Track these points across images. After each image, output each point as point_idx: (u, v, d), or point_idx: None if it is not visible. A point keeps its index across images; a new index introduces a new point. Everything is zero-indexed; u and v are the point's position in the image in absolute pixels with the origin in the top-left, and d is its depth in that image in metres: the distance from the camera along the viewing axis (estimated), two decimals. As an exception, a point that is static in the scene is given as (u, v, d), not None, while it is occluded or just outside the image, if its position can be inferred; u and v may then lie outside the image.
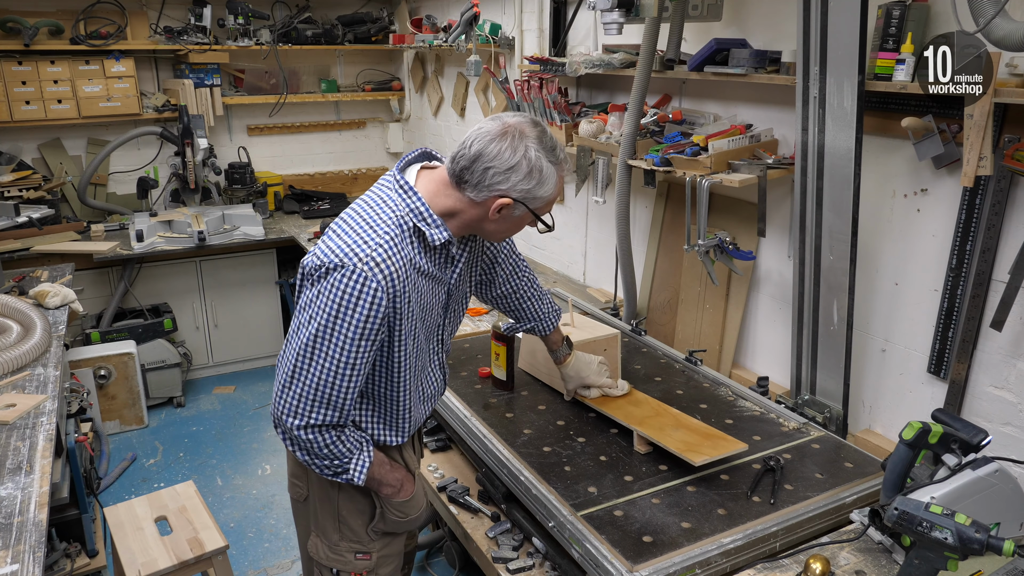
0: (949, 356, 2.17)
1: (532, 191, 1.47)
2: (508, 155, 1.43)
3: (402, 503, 1.73)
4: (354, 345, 1.46)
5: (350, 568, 1.75)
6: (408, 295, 1.48)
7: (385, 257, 1.43)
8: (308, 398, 1.50)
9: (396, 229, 1.47)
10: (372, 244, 1.43)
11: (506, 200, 1.47)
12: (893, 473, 1.61)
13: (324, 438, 1.55)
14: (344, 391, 1.50)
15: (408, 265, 1.47)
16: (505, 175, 1.44)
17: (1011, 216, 1.97)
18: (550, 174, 1.47)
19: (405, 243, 1.48)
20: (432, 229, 1.49)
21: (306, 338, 1.47)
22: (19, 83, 4.21)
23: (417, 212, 1.49)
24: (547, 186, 1.48)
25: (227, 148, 5.12)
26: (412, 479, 1.76)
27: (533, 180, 1.46)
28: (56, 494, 2.55)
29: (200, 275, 4.48)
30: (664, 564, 1.62)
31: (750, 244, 2.71)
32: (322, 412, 1.51)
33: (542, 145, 1.46)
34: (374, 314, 1.43)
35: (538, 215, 1.53)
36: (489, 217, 1.50)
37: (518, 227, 1.57)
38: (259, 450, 3.90)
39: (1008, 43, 1.73)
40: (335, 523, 1.74)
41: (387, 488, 1.69)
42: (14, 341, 2.70)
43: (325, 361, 1.47)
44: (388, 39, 5.10)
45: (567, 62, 3.09)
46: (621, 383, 2.29)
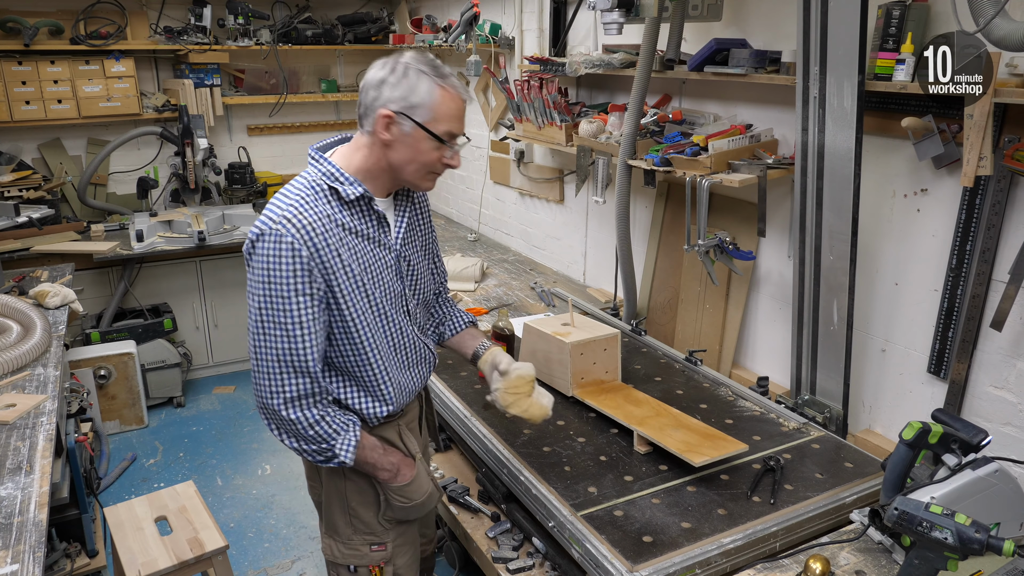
0: (949, 356, 2.17)
1: (408, 98, 1.49)
2: (380, 72, 1.52)
3: (402, 487, 1.71)
4: (294, 303, 1.50)
5: (367, 561, 1.75)
6: (334, 248, 1.52)
7: (295, 213, 1.49)
8: (276, 371, 1.54)
9: (308, 191, 1.54)
10: (283, 206, 1.51)
11: (386, 111, 1.50)
12: (893, 473, 1.61)
13: (307, 416, 1.57)
14: (304, 352, 1.53)
15: (325, 219, 1.52)
16: (378, 89, 1.51)
17: (1011, 216, 1.97)
18: (420, 81, 1.49)
19: (319, 201, 1.53)
20: (345, 185, 1.55)
21: (254, 315, 1.53)
22: (19, 83, 4.21)
23: (329, 174, 1.56)
24: (420, 92, 1.49)
25: (227, 148, 5.12)
26: (411, 463, 1.74)
27: (403, 87, 1.49)
28: (56, 494, 2.55)
29: (200, 275, 4.48)
30: (664, 564, 1.62)
31: (750, 244, 2.71)
32: (294, 381, 1.54)
33: (418, 61, 1.51)
34: (299, 266, 1.48)
35: (428, 128, 1.52)
36: (383, 141, 1.53)
37: (420, 152, 1.54)
38: (259, 450, 3.90)
39: (1008, 43, 1.73)
40: (347, 517, 1.75)
41: (383, 472, 1.69)
42: (14, 341, 2.70)
43: (276, 329, 1.51)
44: (388, 39, 5.10)
45: (567, 62, 3.09)
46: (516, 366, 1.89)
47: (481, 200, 4.71)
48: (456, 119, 1.56)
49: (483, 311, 3.27)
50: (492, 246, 4.48)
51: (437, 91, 1.51)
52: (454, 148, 1.59)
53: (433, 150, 1.55)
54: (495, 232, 4.66)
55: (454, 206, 5.16)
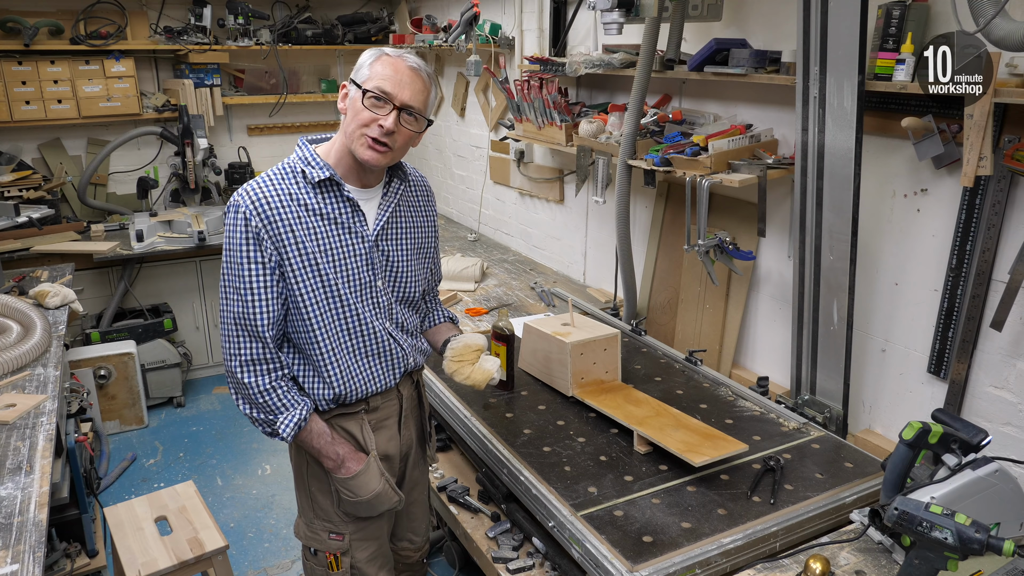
0: (949, 356, 2.17)
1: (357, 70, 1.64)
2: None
3: (345, 480, 1.73)
4: (246, 268, 1.61)
5: (324, 547, 1.80)
6: (288, 223, 1.62)
7: (255, 187, 1.63)
8: (234, 334, 1.65)
9: (279, 172, 1.67)
10: (252, 185, 1.65)
11: (343, 84, 1.66)
12: (893, 473, 1.61)
13: (259, 383, 1.65)
14: (256, 316, 1.63)
15: (286, 196, 1.63)
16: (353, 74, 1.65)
17: (1011, 216, 1.97)
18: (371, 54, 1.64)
19: (286, 181, 1.65)
20: (313, 168, 1.65)
21: (222, 281, 1.66)
22: (19, 83, 4.21)
23: (303, 158, 1.67)
24: (365, 61, 1.63)
25: (227, 148, 5.12)
26: (360, 458, 1.74)
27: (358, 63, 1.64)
28: (56, 494, 2.55)
29: (200, 275, 4.48)
30: (664, 564, 1.62)
31: (750, 244, 2.71)
32: (248, 344, 1.64)
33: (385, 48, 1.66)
34: (249, 236, 1.60)
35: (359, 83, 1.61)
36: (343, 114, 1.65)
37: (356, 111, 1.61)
38: (259, 450, 3.90)
39: (1008, 43, 1.73)
40: (308, 500, 1.82)
41: (327, 461, 1.72)
42: (14, 341, 2.70)
43: (233, 293, 1.64)
44: (388, 39, 5.10)
45: (567, 62, 3.09)
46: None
47: (481, 200, 4.71)
48: (389, 80, 1.59)
49: (483, 311, 3.27)
50: (492, 246, 4.48)
51: (380, 58, 1.62)
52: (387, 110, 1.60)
53: (364, 109, 1.60)
54: (495, 232, 4.66)
55: (454, 206, 5.16)
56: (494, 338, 2.44)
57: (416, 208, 1.81)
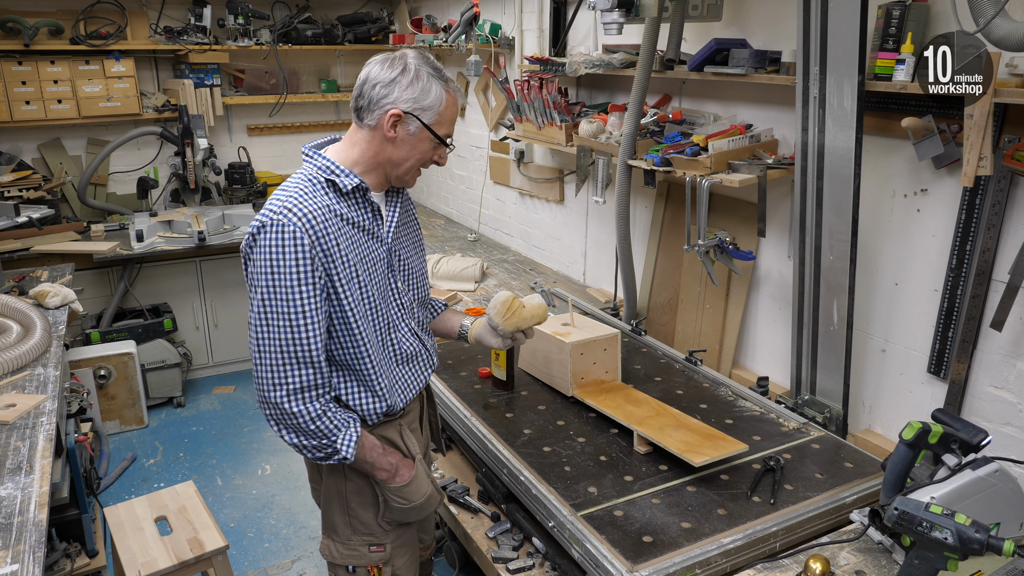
0: (949, 356, 2.17)
1: (418, 100, 1.54)
2: (389, 71, 1.55)
3: (400, 488, 1.70)
4: (298, 292, 1.51)
5: (365, 562, 1.75)
6: (334, 238, 1.54)
7: (297, 203, 1.52)
8: (279, 362, 1.54)
9: (306, 183, 1.57)
10: (284, 199, 1.53)
11: (396, 111, 1.54)
12: (893, 473, 1.61)
13: (311, 410, 1.56)
14: (308, 343, 1.54)
15: (325, 209, 1.54)
16: (388, 88, 1.54)
17: (1011, 216, 1.97)
18: (432, 85, 1.55)
19: (318, 192, 1.56)
20: (342, 177, 1.58)
21: (256, 307, 1.53)
22: (19, 83, 4.21)
23: (325, 167, 1.59)
24: (431, 96, 1.55)
25: (227, 148, 5.12)
26: (410, 464, 1.73)
27: (416, 89, 1.54)
28: (56, 494, 2.55)
29: (200, 275, 4.48)
30: (664, 564, 1.62)
31: (750, 244, 2.71)
32: (298, 372, 1.55)
33: (423, 61, 1.56)
34: (302, 254, 1.50)
35: (434, 131, 1.58)
36: (387, 137, 1.56)
37: (420, 151, 1.60)
38: (259, 450, 3.90)
39: (1008, 43, 1.73)
40: (346, 517, 1.75)
41: (381, 472, 1.68)
42: (14, 341, 2.70)
43: (280, 320, 1.52)
44: (388, 39, 5.10)
45: (567, 62, 3.09)
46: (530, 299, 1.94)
47: (481, 200, 4.71)
48: (453, 122, 1.64)
49: (483, 311, 3.27)
50: (492, 246, 4.48)
51: (445, 96, 1.57)
52: (450, 148, 1.66)
53: (431, 149, 1.62)
54: (495, 232, 4.66)
55: (454, 206, 5.15)
56: None
57: (406, 205, 1.80)
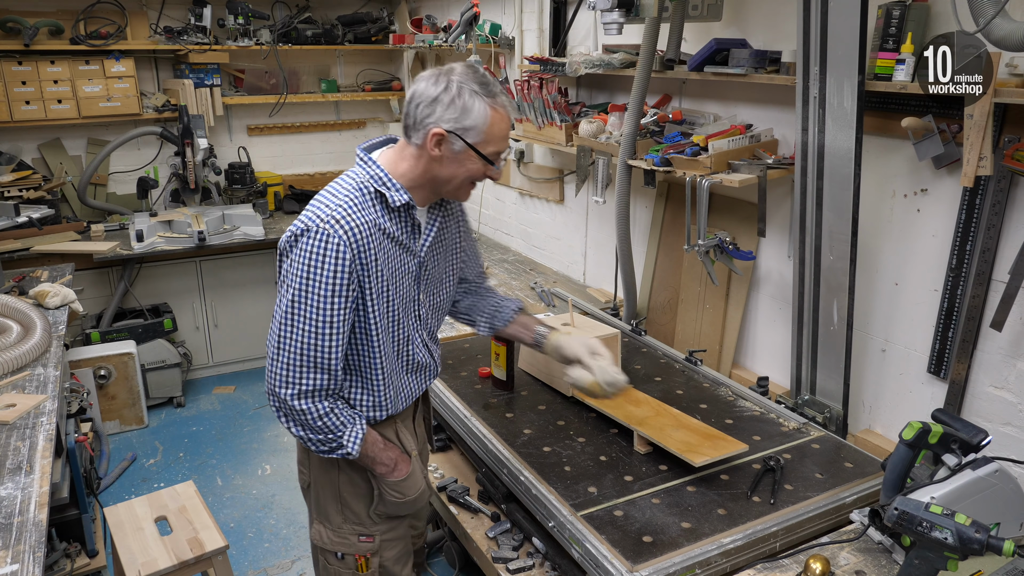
0: (949, 356, 2.17)
1: (460, 120, 1.52)
2: (432, 89, 1.52)
3: (398, 483, 1.74)
4: (328, 303, 1.52)
5: (354, 550, 1.77)
6: (374, 253, 1.55)
7: (345, 214, 1.51)
8: (296, 363, 1.56)
9: (356, 193, 1.57)
10: (332, 206, 1.53)
11: (438, 130, 1.52)
12: (893, 473, 1.61)
13: (318, 408, 1.59)
14: (328, 350, 1.56)
15: (371, 225, 1.54)
16: (431, 107, 1.52)
17: (1011, 216, 1.97)
18: (475, 103, 1.51)
19: (367, 205, 1.56)
20: (392, 192, 1.57)
21: (285, 306, 1.55)
22: (19, 83, 4.21)
23: (376, 177, 1.58)
24: (474, 115, 1.51)
25: (227, 148, 5.12)
26: (407, 459, 1.77)
27: (457, 108, 1.51)
28: (56, 494, 2.55)
29: (200, 275, 4.48)
30: (664, 564, 1.62)
31: (750, 244, 2.71)
32: (311, 376, 1.57)
33: (470, 79, 1.52)
34: (341, 268, 1.51)
35: (479, 150, 1.55)
36: (432, 156, 1.55)
37: (466, 169, 1.58)
38: (259, 450, 3.90)
39: (1008, 43, 1.73)
40: (338, 505, 1.77)
41: (381, 467, 1.71)
42: (14, 341, 2.70)
43: (305, 324, 1.54)
44: (388, 39, 5.10)
45: (567, 62, 3.09)
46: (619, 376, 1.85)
47: (481, 200, 4.71)
48: (504, 138, 1.59)
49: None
50: (492, 246, 4.48)
51: (489, 113, 1.53)
52: (499, 164, 1.62)
53: (480, 167, 1.59)
54: (495, 232, 4.66)
55: (454, 206, 5.15)
56: (494, 338, 2.44)
57: (451, 216, 1.77)
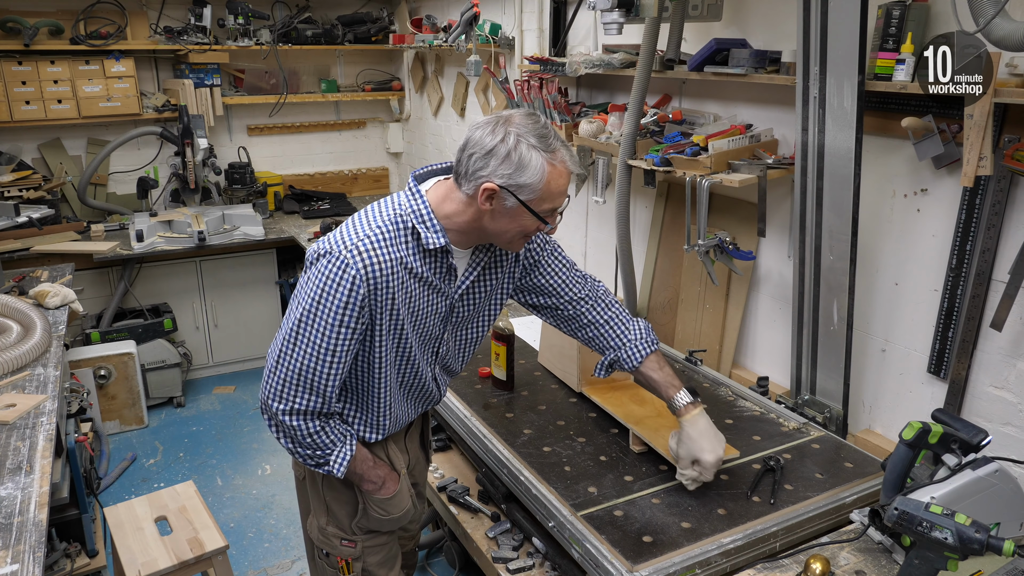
0: (949, 356, 2.17)
1: (513, 177, 1.44)
2: (488, 140, 1.44)
3: (383, 501, 1.73)
4: (333, 331, 1.49)
5: (337, 553, 1.79)
6: (392, 291, 1.49)
7: (369, 248, 1.46)
8: (291, 382, 1.54)
9: (391, 225, 1.50)
10: (361, 235, 1.48)
11: (490, 185, 1.44)
12: (893, 473, 1.61)
13: (308, 426, 1.58)
14: (325, 377, 1.53)
15: (395, 262, 1.48)
16: (484, 159, 1.44)
17: (1011, 216, 1.97)
18: (532, 160, 1.43)
19: (399, 240, 1.50)
20: (429, 232, 1.51)
21: (292, 322, 1.53)
22: (19, 83, 4.21)
23: (418, 213, 1.51)
24: (529, 172, 1.43)
25: (227, 148, 5.12)
26: (396, 478, 1.76)
27: (512, 165, 1.43)
28: (56, 494, 2.55)
29: (200, 275, 4.48)
30: (664, 564, 1.62)
31: (750, 244, 2.71)
32: (304, 397, 1.55)
33: (528, 131, 1.44)
34: (352, 302, 1.46)
35: (531, 208, 1.47)
36: (481, 208, 1.48)
37: (519, 224, 1.51)
38: (259, 450, 3.90)
39: (1008, 43, 1.73)
40: (323, 507, 1.79)
41: (368, 484, 1.70)
42: (14, 341, 2.70)
43: (307, 346, 1.51)
44: (388, 39, 5.10)
45: (567, 62, 3.09)
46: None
47: (481, 200, 4.70)
48: (561, 195, 1.51)
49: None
50: (492, 246, 4.47)
51: (546, 169, 1.44)
52: (555, 221, 1.55)
53: (532, 223, 1.51)
54: (495, 232, 4.66)
55: (454, 206, 5.14)
56: (494, 338, 2.44)
57: (499, 257, 1.71)
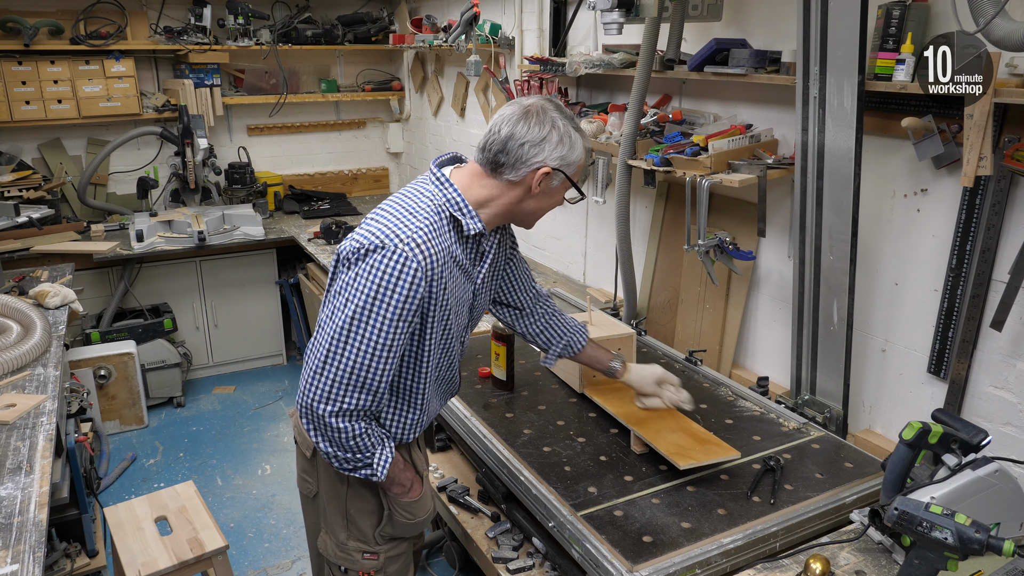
0: (949, 356, 2.17)
1: (567, 157, 1.58)
2: (537, 129, 1.55)
3: (410, 504, 1.72)
4: (392, 326, 1.48)
5: (358, 567, 1.76)
6: (444, 282, 1.54)
7: (425, 239, 1.48)
8: (343, 382, 1.51)
9: (435, 216, 1.54)
10: (413, 227, 1.49)
11: (546, 169, 1.56)
12: (893, 473, 1.61)
13: (354, 427, 1.55)
14: (379, 373, 1.52)
15: (445, 252, 1.53)
16: (540, 147, 1.55)
17: (1011, 216, 1.97)
18: (577, 138, 1.59)
19: (444, 230, 1.55)
20: (468, 219, 1.57)
21: (342, 321, 1.49)
22: (19, 83, 4.21)
23: (454, 202, 1.57)
24: (577, 149, 1.59)
25: (227, 148, 5.12)
26: (421, 480, 1.76)
27: (566, 146, 1.57)
28: (56, 494, 2.55)
29: (200, 275, 4.48)
30: (664, 564, 1.62)
31: (750, 244, 2.71)
32: (355, 396, 1.53)
33: (563, 114, 1.58)
34: (413, 294, 1.47)
35: (574, 181, 1.63)
36: (532, 192, 1.59)
37: (554, 199, 1.66)
38: (259, 450, 3.90)
39: (1008, 43, 1.73)
40: (343, 521, 1.75)
41: (398, 487, 1.69)
42: (14, 341, 2.70)
43: (362, 344, 1.49)
44: (388, 39, 5.10)
45: (567, 62, 3.09)
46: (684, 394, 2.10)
47: (481, 200, 4.70)
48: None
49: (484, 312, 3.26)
50: (492, 246, 4.47)
51: (584, 148, 1.62)
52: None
53: (562, 196, 1.67)
54: (495, 232, 4.65)
55: (454, 206, 5.14)
56: (494, 338, 2.44)
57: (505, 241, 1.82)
